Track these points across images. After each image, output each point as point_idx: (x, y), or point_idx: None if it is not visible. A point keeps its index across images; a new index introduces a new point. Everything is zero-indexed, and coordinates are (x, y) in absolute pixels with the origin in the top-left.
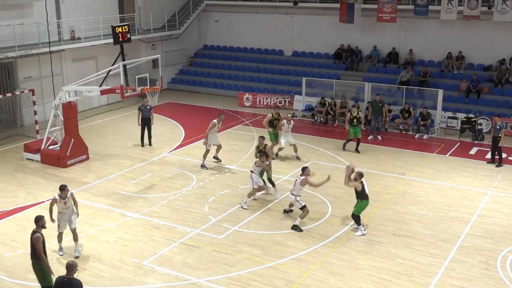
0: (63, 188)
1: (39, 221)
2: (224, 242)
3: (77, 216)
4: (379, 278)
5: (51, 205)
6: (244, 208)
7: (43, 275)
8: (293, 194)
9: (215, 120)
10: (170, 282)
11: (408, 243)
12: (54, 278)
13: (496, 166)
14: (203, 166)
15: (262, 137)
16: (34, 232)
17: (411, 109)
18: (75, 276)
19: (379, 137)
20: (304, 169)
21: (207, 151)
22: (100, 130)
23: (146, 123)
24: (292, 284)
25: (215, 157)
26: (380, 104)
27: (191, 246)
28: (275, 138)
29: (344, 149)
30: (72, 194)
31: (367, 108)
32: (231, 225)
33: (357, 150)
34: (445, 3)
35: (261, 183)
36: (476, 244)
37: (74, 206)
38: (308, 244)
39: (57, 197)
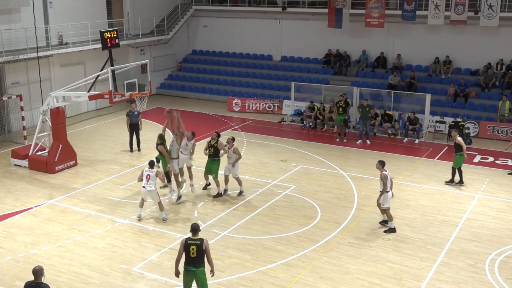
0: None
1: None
2: (214, 247)
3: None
4: (369, 282)
5: None
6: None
7: None
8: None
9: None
10: None
11: (397, 247)
12: None
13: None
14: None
15: (216, 133)
16: None
17: (388, 112)
18: (42, 280)
19: (368, 142)
20: None
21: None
22: (88, 135)
23: (134, 128)
24: None
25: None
26: (367, 109)
27: None
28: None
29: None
30: None
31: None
32: (220, 230)
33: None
34: (433, 8)
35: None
36: (465, 248)
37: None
38: (298, 248)
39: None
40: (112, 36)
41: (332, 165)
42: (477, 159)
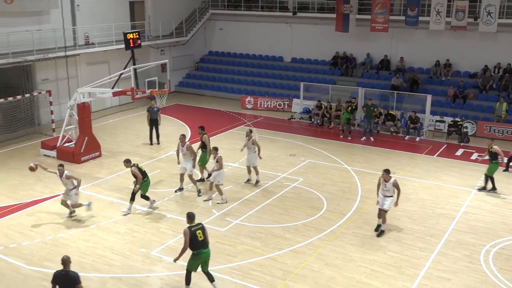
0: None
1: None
2: (227, 234)
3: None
4: (371, 269)
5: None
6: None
7: None
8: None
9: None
10: (176, 271)
11: (398, 237)
12: None
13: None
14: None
15: (200, 127)
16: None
17: (391, 112)
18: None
19: (372, 139)
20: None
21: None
22: (112, 129)
23: (154, 123)
24: (289, 274)
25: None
26: (372, 108)
27: None
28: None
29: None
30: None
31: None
32: (233, 219)
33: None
34: (434, 14)
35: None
36: (461, 239)
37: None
38: (305, 237)
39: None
40: (135, 37)
41: (338, 160)
42: (474, 156)
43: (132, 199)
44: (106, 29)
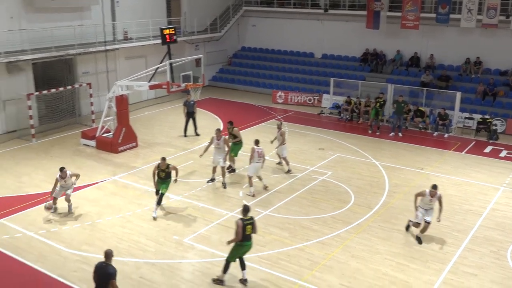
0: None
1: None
2: (257, 224)
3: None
4: (397, 262)
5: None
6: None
7: None
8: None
9: (213, 135)
10: (207, 258)
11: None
12: None
13: None
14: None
15: (229, 122)
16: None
17: (420, 109)
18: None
19: (400, 134)
20: (434, 187)
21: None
22: (148, 121)
23: (190, 116)
24: (316, 264)
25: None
26: (403, 104)
27: (227, 227)
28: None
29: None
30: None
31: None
32: (262, 210)
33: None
34: (465, 12)
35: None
36: (488, 235)
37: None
38: (332, 229)
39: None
40: (171, 33)
41: (366, 155)
42: (503, 153)
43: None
44: (144, 25)
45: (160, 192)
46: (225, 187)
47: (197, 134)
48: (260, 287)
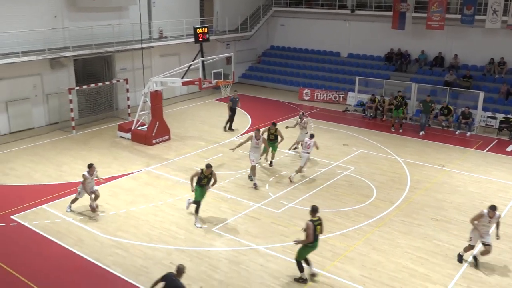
0: (90, 166)
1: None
2: (281, 216)
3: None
4: (417, 256)
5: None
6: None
7: None
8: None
9: (252, 133)
10: (234, 247)
11: (445, 227)
12: None
13: None
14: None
15: (273, 123)
16: None
17: (449, 107)
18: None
19: (422, 133)
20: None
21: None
22: (180, 115)
23: (233, 112)
24: (338, 256)
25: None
26: (430, 104)
27: (253, 217)
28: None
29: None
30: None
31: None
32: (287, 202)
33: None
34: (491, 13)
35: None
36: (508, 232)
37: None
38: (354, 222)
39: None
40: (203, 31)
41: (389, 151)
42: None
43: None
44: (178, 24)
45: (198, 200)
46: (255, 187)
47: (232, 129)
48: (285, 276)
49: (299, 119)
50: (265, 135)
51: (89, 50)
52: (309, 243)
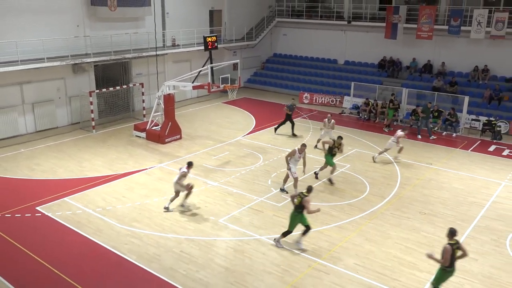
0: (189, 164)
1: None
2: (282, 209)
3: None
4: (406, 246)
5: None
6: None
7: None
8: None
9: (296, 149)
10: (239, 237)
11: (431, 220)
12: None
13: None
14: (282, 190)
15: (340, 137)
16: None
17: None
18: None
19: (419, 136)
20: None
21: (287, 176)
22: (191, 117)
23: (289, 118)
24: (334, 246)
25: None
26: (431, 109)
27: (256, 210)
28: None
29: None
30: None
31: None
32: (287, 197)
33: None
34: (475, 24)
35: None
36: (489, 225)
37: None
38: (349, 215)
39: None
40: (213, 40)
41: (381, 150)
42: (505, 152)
43: (305, 234)
44: (190, 33)
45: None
46: (285, 192)
47: (294, 135)
48: (285, 264)
49: (327, 121)
50: (326, 147)
51: (108, 56)
52: (447, 268)
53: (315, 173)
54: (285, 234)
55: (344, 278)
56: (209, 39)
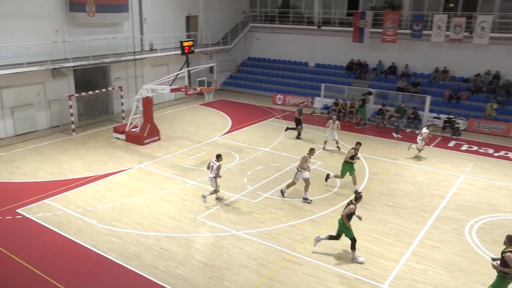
0: (218, 156)
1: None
2: (258, 205)
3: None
4: (374, 237)
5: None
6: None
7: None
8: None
9: (306, 155)
10: (216, 233)
11: (397, 212)
12: None
13: None
14: (305, 199)
15: (359, 143)
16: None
17: (405, 108)
18: None
19: (396, 135)
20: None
21: (293, 183)
22: (169, 118)
23: (298, 122)
24: (307, 238)
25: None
26: (404, 110)
27: (233, 207)
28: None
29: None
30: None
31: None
32: (263, 193)
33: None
34: (436, 29)
35: (306, 176)
36: (450, 215)
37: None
38: (321, 209)
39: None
40: (189, 45)
41: (350, 147)
42: (464, 147)
43: (353, 247)
44: (167, 38)
45: (341, 236)
46: (309, 201)
47: (299, 138)
48: (261, 258)
49: (331, 122)
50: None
51: (87, 61)
52: (507, 275)
53: (327, 175)
54: (332, 237)
55: (317, 269)
56: (186, 43)
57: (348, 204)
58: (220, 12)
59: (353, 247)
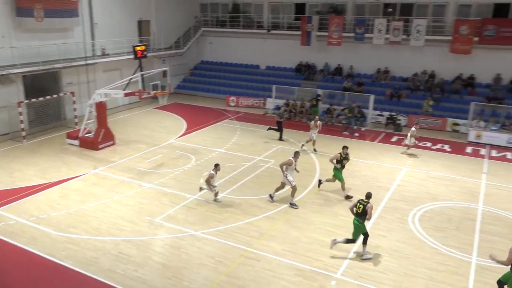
0: (215, 165)
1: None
2: (215, 205)
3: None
4: (326, 230)
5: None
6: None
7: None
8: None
9: (291, 158)
10: (175, 234)
11: (347, 205)
12: None
13: None
14: (292, 204)
15: (346, 147)
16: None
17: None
18: None
19: (354, 134)
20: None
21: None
22: (123, 123)
23: (279, 125)
24: (263, 234)
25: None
26: (355, 109)
27: (190, 208)
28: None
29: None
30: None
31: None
32: (220, 193)
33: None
34: (377, 32)
35: (294, 182)
36: (395, 205)
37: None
38: (276, 206)
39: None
40: (142, 49)
41: (299, 145)
42: (405, 142)
43: (365, 242)
44: (119, 43)
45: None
46: (294, 206)
47: (281, 139)
48: (219, 256)
49: (313, 123)
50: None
51: (37, 67)
52: None
53: (319, 181)
54: (349, 241)
55: (274, 263)
56: (138, 48)
57: (363, 205)
58: (172, 17)
59: (365, 241)
